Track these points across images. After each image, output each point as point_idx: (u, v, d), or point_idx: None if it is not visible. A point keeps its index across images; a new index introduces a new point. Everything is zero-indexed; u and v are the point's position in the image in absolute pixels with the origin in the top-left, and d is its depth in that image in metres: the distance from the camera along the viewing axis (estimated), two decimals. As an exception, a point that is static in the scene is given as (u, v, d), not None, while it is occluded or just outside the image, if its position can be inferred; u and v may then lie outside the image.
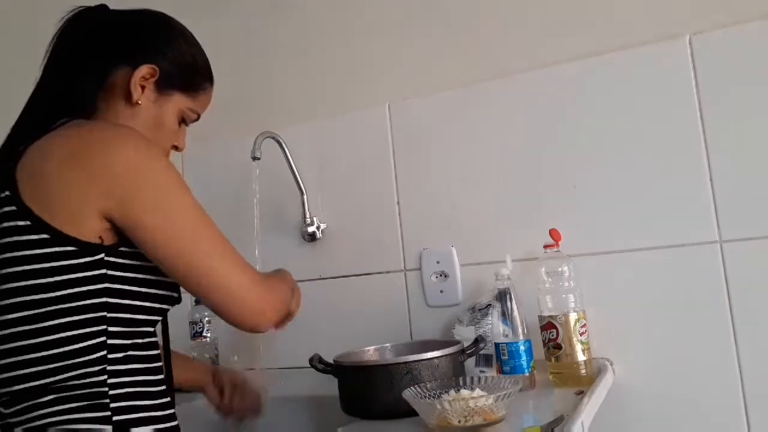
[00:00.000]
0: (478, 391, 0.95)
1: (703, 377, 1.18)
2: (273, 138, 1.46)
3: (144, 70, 0.95)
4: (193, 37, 1.04)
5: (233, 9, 1.69)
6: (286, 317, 0.99)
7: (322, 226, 1.53)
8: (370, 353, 1.24)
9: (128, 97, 0.95)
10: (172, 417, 0.91)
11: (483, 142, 1.38)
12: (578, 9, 1.32)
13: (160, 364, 0.92)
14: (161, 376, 0.92)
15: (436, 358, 1.06)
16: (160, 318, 0.93)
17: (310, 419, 1.32)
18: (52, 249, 0.81)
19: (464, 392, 0.95)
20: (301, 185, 1.51)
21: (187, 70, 1.00)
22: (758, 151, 1.17)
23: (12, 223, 0.81)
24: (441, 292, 1.40)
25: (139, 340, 0.88)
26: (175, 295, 0.94)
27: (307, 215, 1.52)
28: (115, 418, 0.83)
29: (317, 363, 1.13)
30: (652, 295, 1.22)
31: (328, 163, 1.55)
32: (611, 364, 1.23)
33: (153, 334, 0.92)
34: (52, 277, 0.81)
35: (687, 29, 1.22)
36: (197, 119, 1.05)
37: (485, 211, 1.37)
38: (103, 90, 0.95)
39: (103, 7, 1.01)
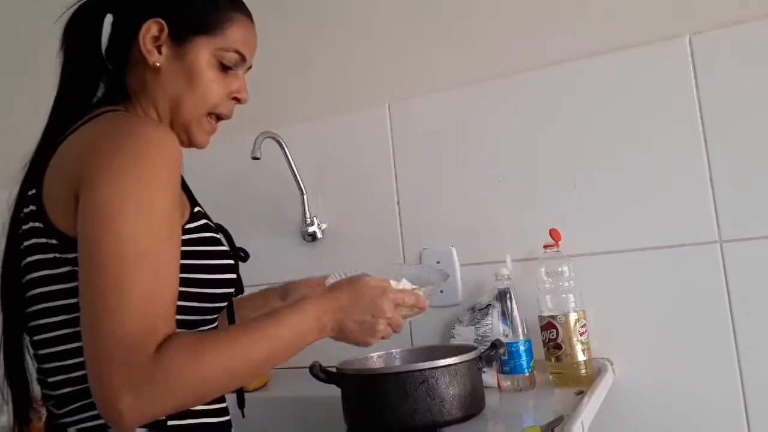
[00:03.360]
0: (404, 282, 0.93)
1: (703, 377, 1.18)
2: (273, 138, 1.46)
3: (150, 28, 0.86)
4: None
5: (233, 9, 1.69)
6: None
7: (323, 226, 1.53)
8: (374, 360, 1.14)
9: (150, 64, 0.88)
10: (226, 424, 0.88)
11: (483, 141, 1.38)
12: (578, 9, 1.32)
13: None
14: None
15: (454, 365, 0.96)
16: (212, 316, 0.87)
17: (310, 419, 1.31)
18: (63, 255, 0.76)
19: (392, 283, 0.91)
20: (301, 185, 1.51)
21: (198, 8, 0.89)
22: (758, 150, 1.17)
23: (31, 225, 0.80)
24: (441, 292, 1.40)
25: None
26: (224, 291, 0.86)
27: (308, 215, 1.52)
28: (170, 423, 0.79)
29: (318, 371, 1.03)
30: (652, 295, 1.22)
31: (328, 163, 1.55)
32: (611, 364, 1.23)
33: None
34: (69, 283, 0.76)
35: (687, 29, 1.22)
36: (244, 60, 0.92)
37: (485, 211, 1.37)
38: (131, 67, 0.89)
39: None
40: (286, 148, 1.47)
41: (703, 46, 1.21)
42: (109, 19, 0.89)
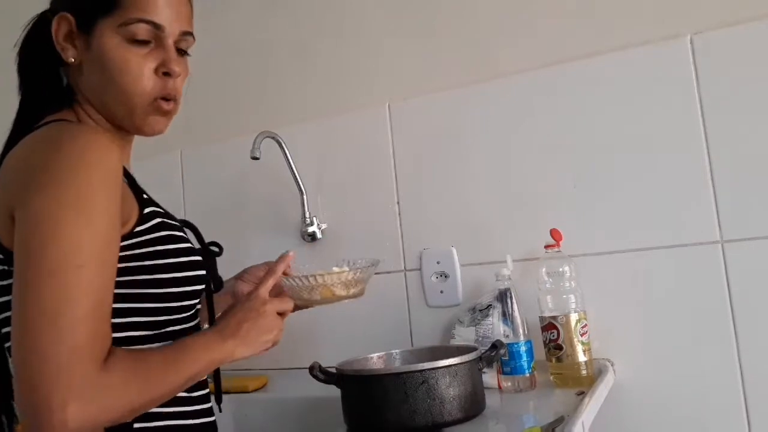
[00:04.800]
0: (344, 267, 1.01)
1: (704, 378, 1.18)
2: (273, 138, 1.45)
3: (59, 24, 0.84)
4: None
5: (232, 8, 1.69)
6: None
7: (323, 226, 1.53)
8: (374, 361, 1.14)
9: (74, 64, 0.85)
10: (207, 426, 0.88)
11: (483, 142, 1.38)
12: (578, 9, 1.32)
13: None
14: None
15: (454, 365, 0.96)
16: (181, 315, 0.85)
17: (310, 419, 1.31)
18: (10, 268, 0.73)
19: (335, 269, 1.00)
20: (301, 185, 1.50)
21: None
22: (759, 150, 1.16)
23: None
24: (441, 292, 1.40)
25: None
26: (192, 289, 0.84)
27: (307, 215, 1.51)
28: (136, 425, 0.78)
29: (318, 372, 1.03)
30: (653, 296, 1.22)
31: (328, 163, 1.55)
32: (612, 365, 1.23)
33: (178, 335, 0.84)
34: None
35: (687, 29, 1.22)
36: (158, 27, 0.83)
37: (485, 211, 1.37)
38: (66, 70, 0.87)
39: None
40: (285, 148, 1.47)
41: (703, 45, 1.21)
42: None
